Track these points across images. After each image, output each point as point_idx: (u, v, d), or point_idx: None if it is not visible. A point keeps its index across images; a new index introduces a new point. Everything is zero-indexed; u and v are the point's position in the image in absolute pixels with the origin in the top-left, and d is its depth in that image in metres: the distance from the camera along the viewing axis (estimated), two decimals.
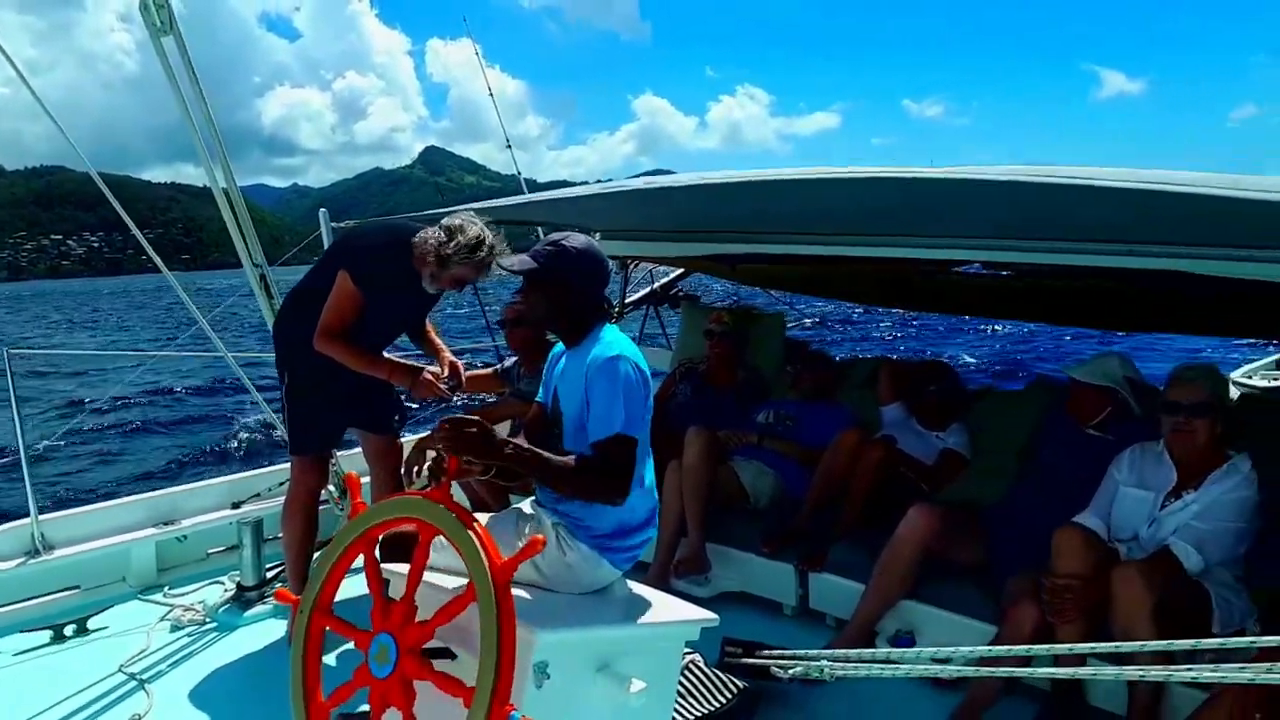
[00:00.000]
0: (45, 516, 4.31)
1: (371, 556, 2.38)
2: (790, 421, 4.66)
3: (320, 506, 3.94)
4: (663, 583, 4.02)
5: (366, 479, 3.87)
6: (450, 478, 2.33)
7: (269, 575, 4.31)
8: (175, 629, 4.04)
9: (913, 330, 27.26)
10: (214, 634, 4.00)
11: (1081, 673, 1.82)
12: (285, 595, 2.59)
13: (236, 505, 4.84)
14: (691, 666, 3.14)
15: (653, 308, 6.90)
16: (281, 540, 3.91)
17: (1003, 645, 2.87)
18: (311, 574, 2.48)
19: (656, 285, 6.80)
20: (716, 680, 3.13)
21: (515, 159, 7.29)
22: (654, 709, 2.43)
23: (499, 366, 4.86)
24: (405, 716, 2.14)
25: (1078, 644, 1.78)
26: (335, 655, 3.40)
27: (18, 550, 4.22)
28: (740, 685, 3.13)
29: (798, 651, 2.35)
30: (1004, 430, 4.20)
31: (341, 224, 4.90)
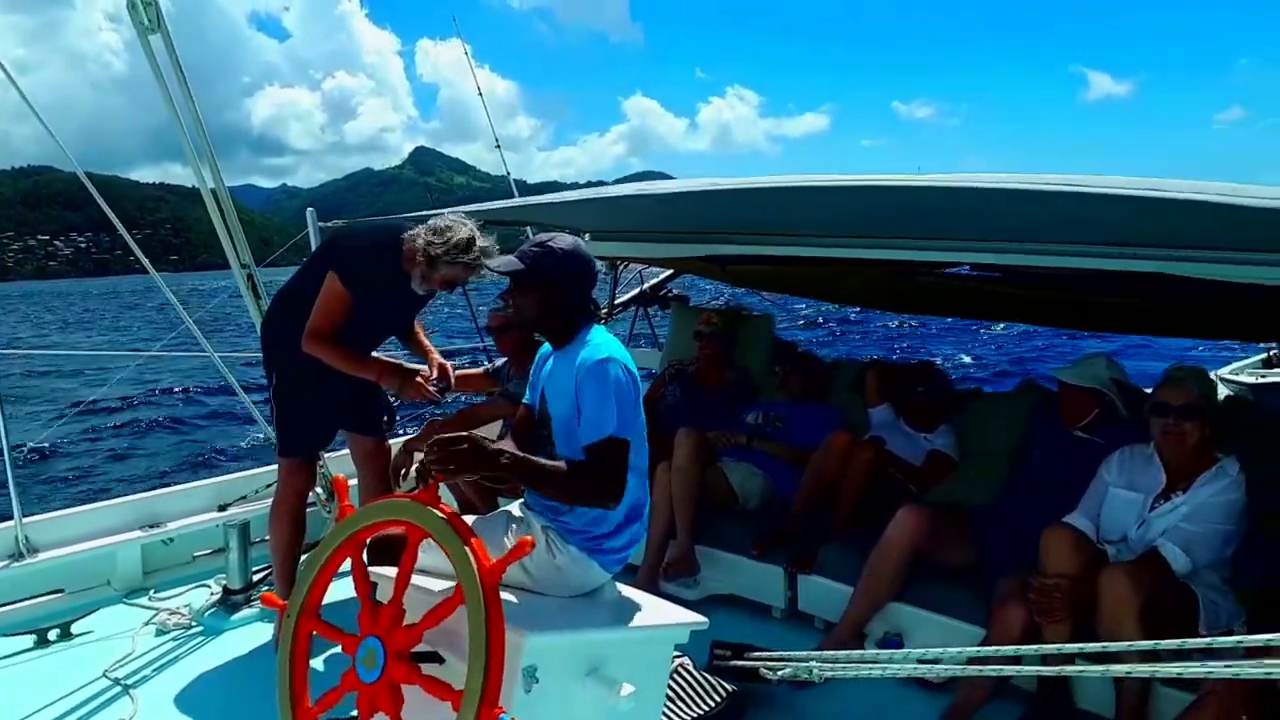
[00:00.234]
0: (29, 519, 4.27)
1: (359, 560, 2.37)
2: (779, 423, 4.66)
3: (307, 509, 3.91)
4: (652, 585, 4.01)
5: (354, 481, 3.85)
6: (438, 480, 2.32)
7: (255, 578, 4.29)
8: (161, 633, 4.01)
9: (916, 330, 27.33)
10: (200, 638, 3.97)
11: (1069, 670, 1.82)
12: (271, 600, 2.57)
13: (223, 508, 4.80)
14: (681, 669, 3.14)
15: (642, 308, 6.90)
16: (268, 543, 3.89)
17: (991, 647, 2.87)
18: (298, 577, 2.47)
19: (646, 286, 6.80)
20: (706, 683, 3.13)
21: (505, 159, 7.28)
22: (643, 712, 2.43)
23: (489, 366, 4.85)
24: None
25: (1065, 643, 1.78)
26: (323, 659, 3.38)
27: (1, 553, 4.18)
28: (729, 688, 3.13)
29: (786, 653, 2.35)
30: (992, 432, 4.21)
31: (329, 224, 4.88)
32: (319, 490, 4.51)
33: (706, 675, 3.16)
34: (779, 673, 2.29)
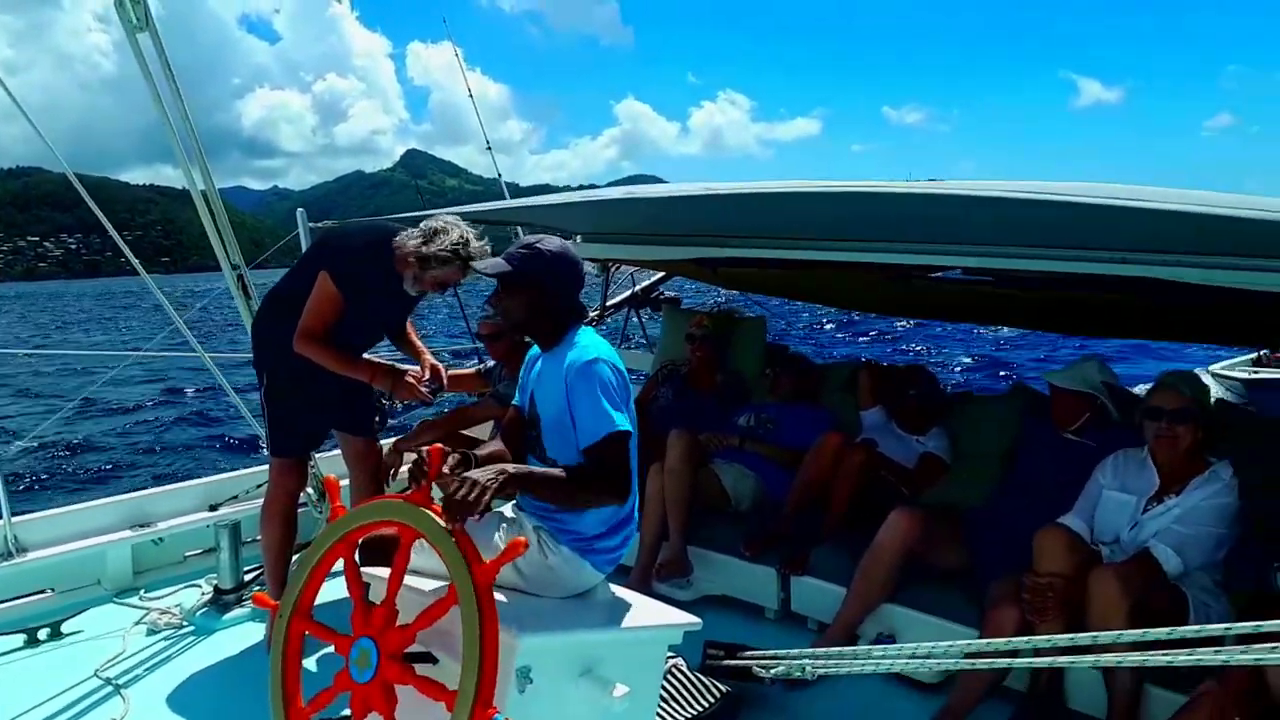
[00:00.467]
0: (19, 518, 4.24)
1: (351, 560, 2.37)
2: (771, 424, 4.67)
3: (299, 509, 3.90)
4: (644, 586, 4.01)
5: (345, 481, 3.84)
6: (430, 479, 2.32)
7: (247, 578, 4.28)
8: (151, 633, 3.99)
9: (918, 332, 27.33)
10: (191, 638, 3.95)
11: (1060, 661, 1.83)
12: (263, 600, 2.56)
13: (214, 507, 4.78)
14: (674, 670, 3.14)
15: (634, 310, 6.91)
16: (260, 543, 3.88)
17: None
18: (291, 578, 2.46)
19: (638, 288, 6.80)
20: (699, 684, 3.14)
21: (496, 162, 7.27)
22: (637, 713, 2.43)
23: (482, 366, 4.85)
24: None
25: (1057, 635, 1.79)
26: (315, 659, 3.37)
27: None
28: (723, 689, 3.13)
29: (779, 651, 2.35)
30: (984, 435, 4.23)
31: (320, 225, 4.86)
32: (310, 490, 4.50)
33: (700, 676, 3.16)
34: (772, 671, 2.29)
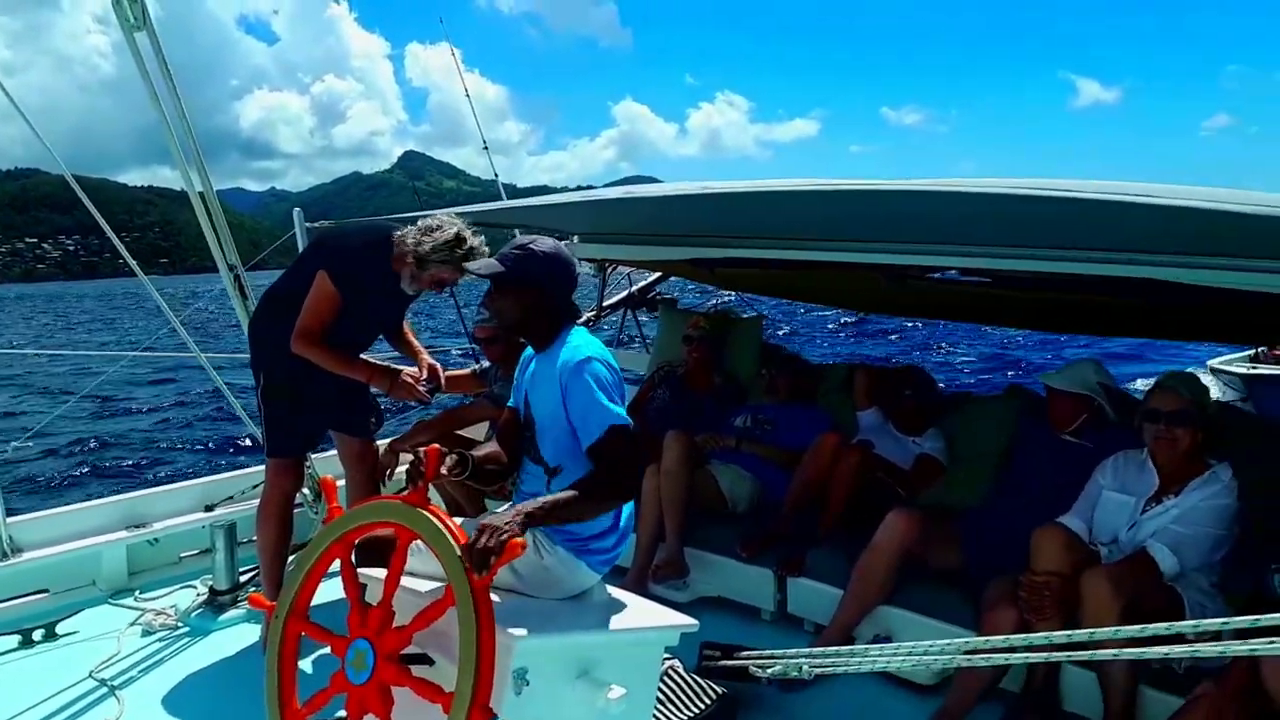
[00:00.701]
0: (13, 519, 4.23)
1: (348, 561, 2.36)
2: (768, 425, 4.67)
3: (295, 510, 3.89)
4: (641, 587, 4.00)
5: (341, 482, 3.84)
6: (428, 480, 2.31)
7: (242, 579, 4.26)
8: (146, 634, 3.98)
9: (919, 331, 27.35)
10: (186, 639, 3.94)
11: (1056, 656, 1.83)
12: (259, 601, 2.56)
13: (209, 508, 4.77)
14: (671, 672, 3.13)
15: (630, 311, 6.90)
16: (256, 544, 3.86)
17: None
18: (287, 578, 2.46)
19: (634, 289, 6.80)
20: (695, 686, 3.13)
21: (493, 163, 7.27)
22: (633, 714, 2.42)
23: (478, 367, 4.84)
24: None
25: (1054, 633, 1.79)
26: (310, 661, 3.36)
27: None
28: (719, 691, 3.13)
29: (776, 651, 2.34)
30: (981, 436, 4.23)
31: (317, 225, 4.86)
32: (306, 491, 4.49)
33: (696, 678, 3.16)
34: (769, 671, 2.29)
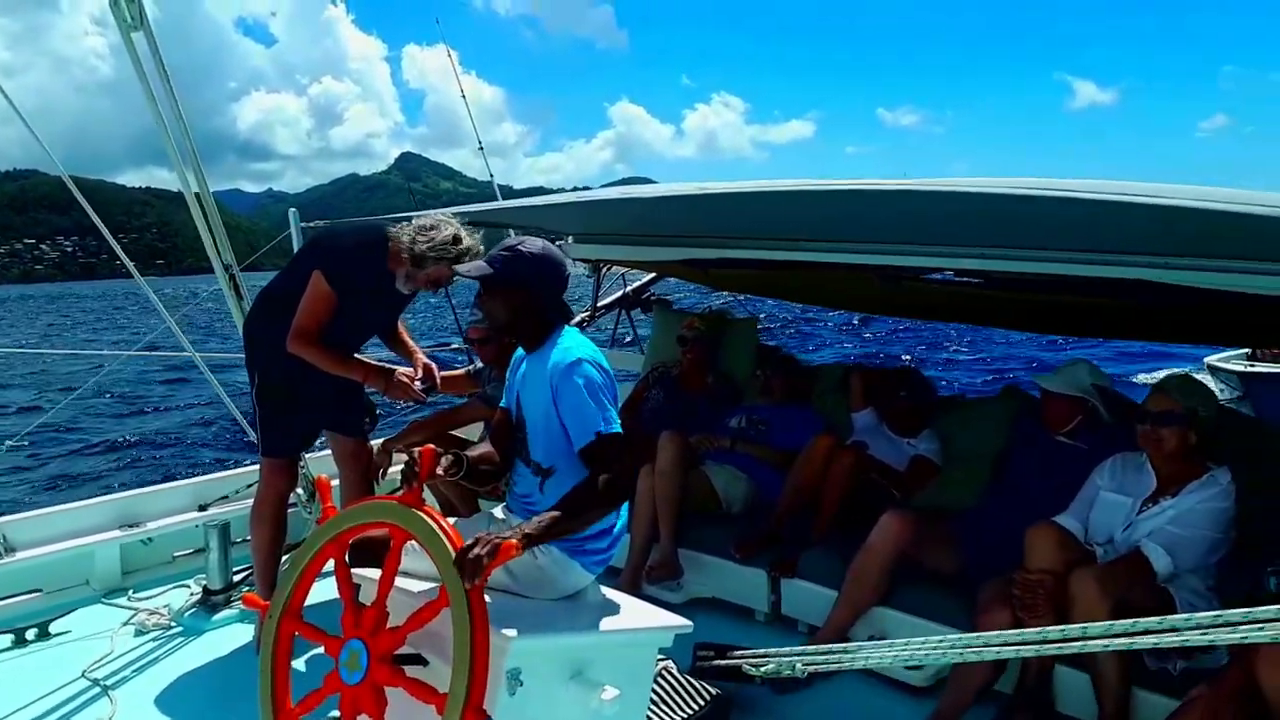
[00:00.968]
0: (6, 518, 4.23)
1: (342, 561, 2.36)
2: (762, 426, 4.67)
3: (289, 509, 3.89)
4: (635, 588, 4.00)
5: (336, 482, 3.83)
6: (422, 481, 2.31)
7: (236, 579, 4.25)
8: (140, 633, 3.97)
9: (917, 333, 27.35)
10: (179, 639, 3.93)
11: (1047, 649, 1.83)
12: (253, 600, 2.55)
13: (203, 508, 4.77)
14: (664, 673, 3.13)
15: (625, 311, 6.90)
16: (250, 544, 3.86)
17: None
18: (281, 578, 2.45)
19: (629, 289, 6.80)
20: (689, 687, 3.13)
21: (488, 163, 7.26)
22: (627, 716, 2.42)
23: (472, 367, 4.83)
24: None
25: (1046, 629, 1.79)
26: (304, 661, 3.36)
27: None
28: (713, 692, 3.13)
29: (769, 650, 2.34)
30: (975, 437, 4.23)
31: (312, 225, 4.86)
32: (300, 491, 4.48)
33: (690, 679, 3.15)
34: (762, 669, 2.29)
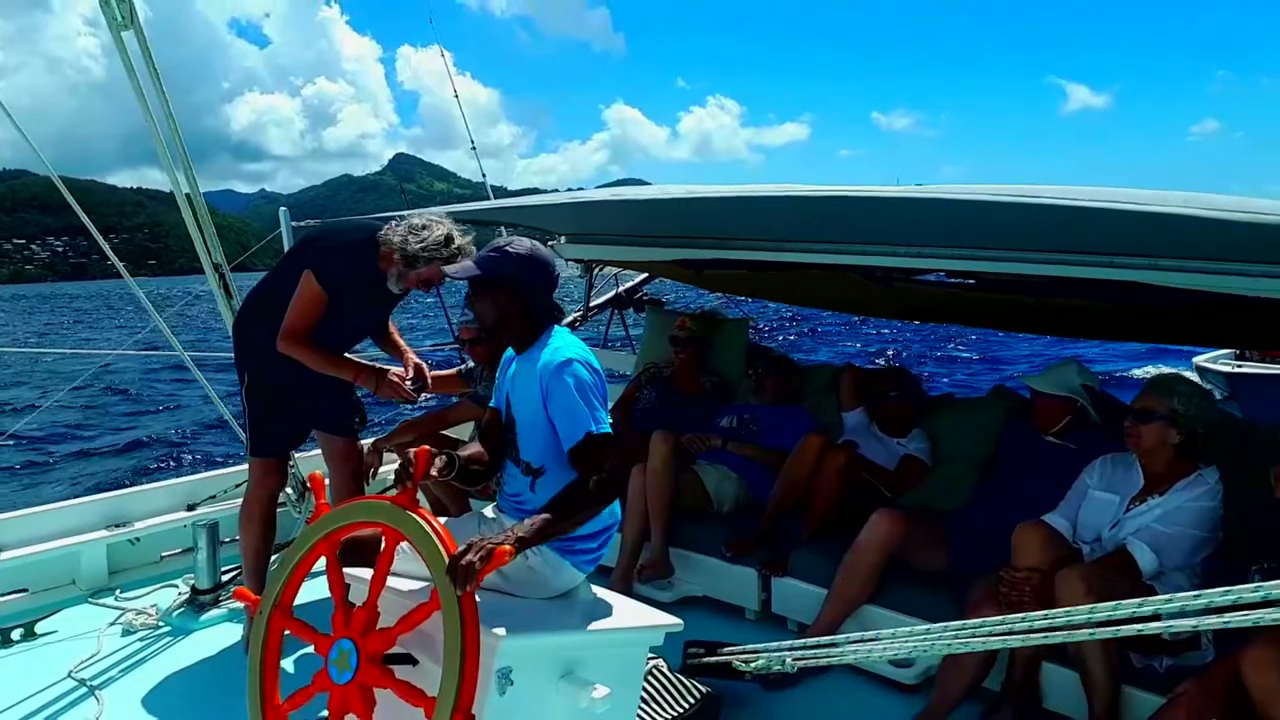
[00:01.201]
0: None
1: (334, 559, 2.35)
2: (754, 426, 4.67)
3: (278, 509, 3.87)
4: (626, 587, 4.00)
5: (326, 481, 3.82)
6: (416, 482, 2.31)
7: (224, 579, 4.23)
8: (127, 633, 3.95)
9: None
10: (167, 639, 3.91)
11: (1033, 640, 1.83)
12: (245, 594, 2.55)
13: (192, 507, 4.74)
14: (655, 671, 3.13)
15: (617, 311, 6.90)
16: (239, 543, 3.84)
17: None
18: (273, 574, 2.45)
19: (621, 289, 6.80)
20: (680, 685, 3.13)
21: (480, 163, 7.25)
22: (618, 714, 2.42)
23: (463, 367, 4.83)
24: None
25: (1030, 615, 1.80)
26: (292, 660, 3.35)
27: None
28: (703, 690, 3.13)
29: (760, 645, 2.35)
30: (965, 437, 4.25)
31: (303, 224, 4.84)
32: (289, 491, 4.47)
33: (681, 677, 3.16)
34: (752, 665, 2.29)
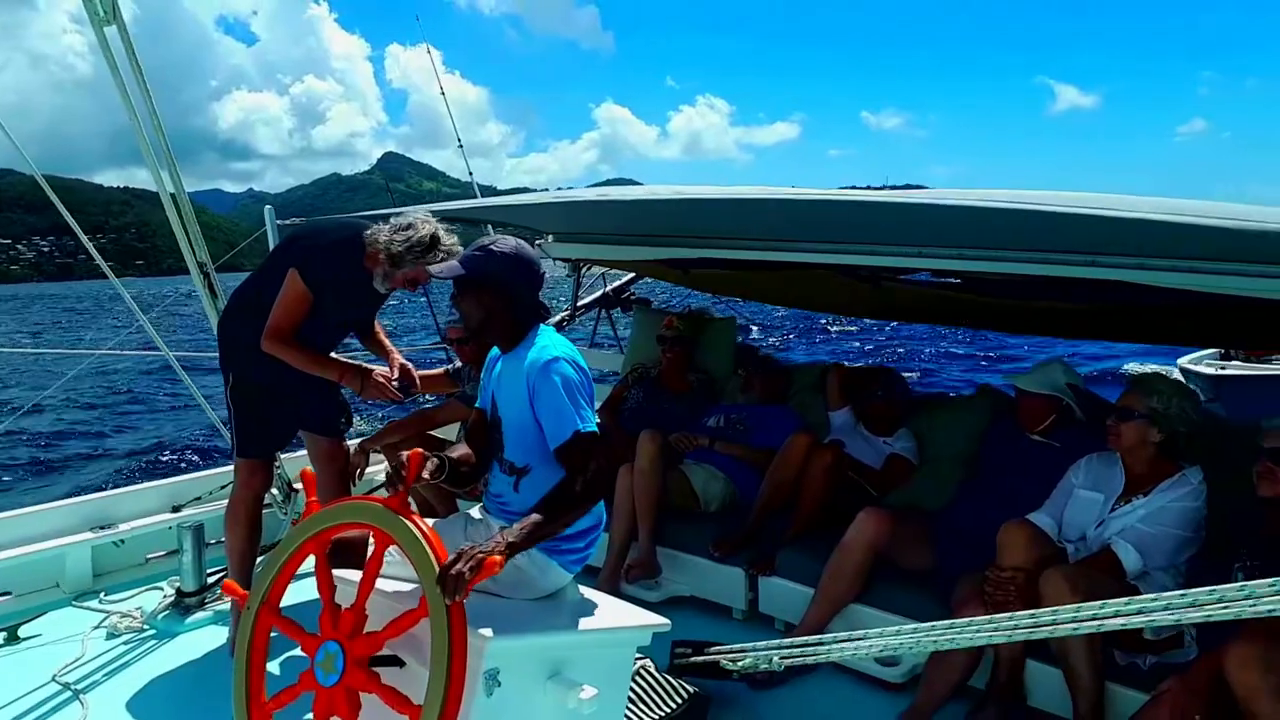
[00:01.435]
0: None
1: (323, 559, 2.34)
2: (741, 425, 4.68)
3: (264, 510, 3.85)
4: (613, 587, 4.01)
5: None
6: (408, 485, 2.30)
7: (210, 581, 4.21)
8: (111, 636, 3.92)
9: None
10: (152, 642, 3.89)
11: (1018, 636, 1.83)
12: (233, 588, 2.53)
13: (177, 509, 4.72)
14: (642, 672, 3.13)
15: (605, 311, 6.89)
16: (225, 545, 3.81)
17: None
18: (262, 571, 2.44)
19: (609, 289, 6.79)
20: (667, 685, 3.13)
21: (468, 163, 7.24)
22: (605, 715, 2.42)
23: (450, 367, 4.82)
24: None
25: (1016, 614, 1.81)
26: (278, 663, 3.33)
27: None
28: (691, 690, 3.13)
29: (747, 644, 2.35)
30: (951, 436, 4.26)
31: (288, 223, 4.82)
32: (275, 492, 4.45)
33: (668, 677, 3.16)
34: (739, 664, 2.29)
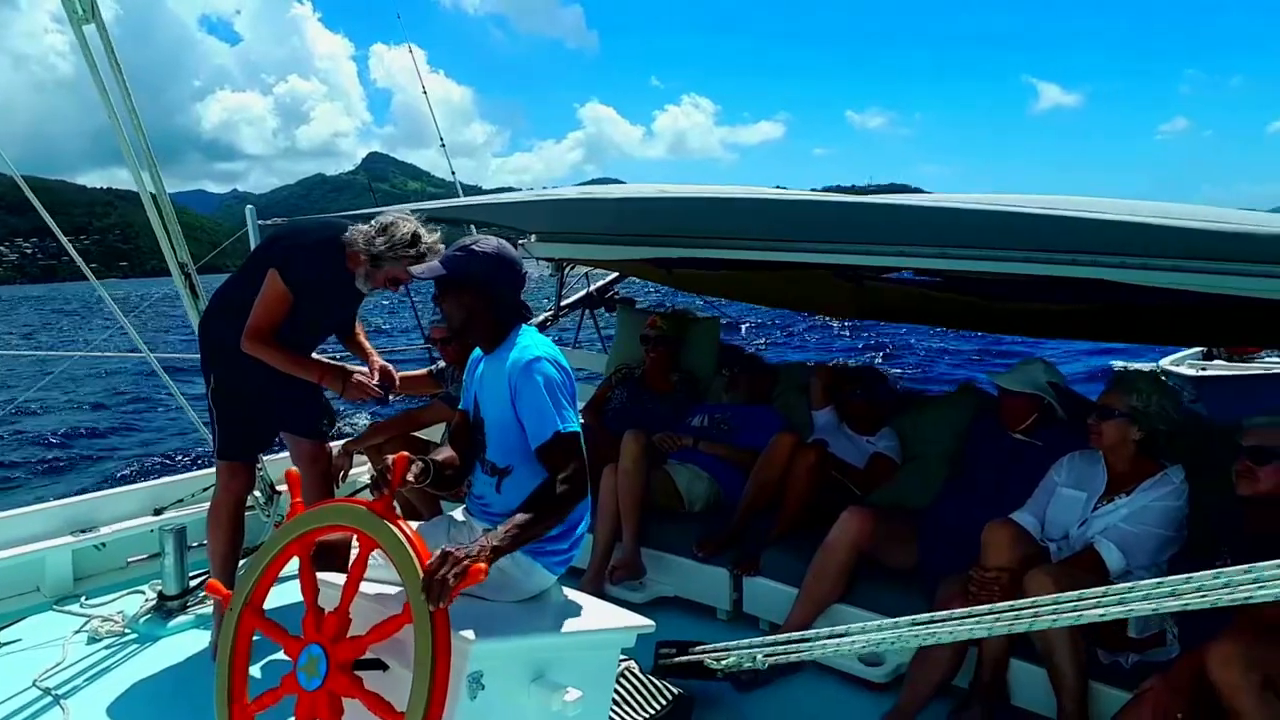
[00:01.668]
0: None
1: (307, 561, 2.33)
2: (725, 425, 4.68)
3: (246, 512, 3.83)
4: (597, 588, 4.01)
5: None
6: (394, 489, 2.29)
7: (192, 584, 4.18)
8: (93, 641, 3.89)
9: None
10: (134, 645, 3.86)
11: (999, 629, 1.84)
12: (217, 587, 2.51)
13: (158, 512, 4.69)
14: (627, 673, 3.13)
15: (588, 311, 6.88)
16: (207, 548, 3.79)
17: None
18: (245, 572, 2.42)
19: (592, 289, 6.79)
20: (652, 687, 3.13)
21: (451, 162, 7.23)
22: (590, 717, 2.41)
23: (434, 368, 4.81)
24: None
25: (998, 605, 1.81)
26: (259, 667, 3.31)
27: None
28: (676, 691, 3.13)
29: (730, 643, 2.35)
30: (933, 435, 4.28)
31: (270, 223, 4.79)
32: (257, 494, 4.43)
33: (653, 679, 3.15)
34: (724, 662, 2.29)
